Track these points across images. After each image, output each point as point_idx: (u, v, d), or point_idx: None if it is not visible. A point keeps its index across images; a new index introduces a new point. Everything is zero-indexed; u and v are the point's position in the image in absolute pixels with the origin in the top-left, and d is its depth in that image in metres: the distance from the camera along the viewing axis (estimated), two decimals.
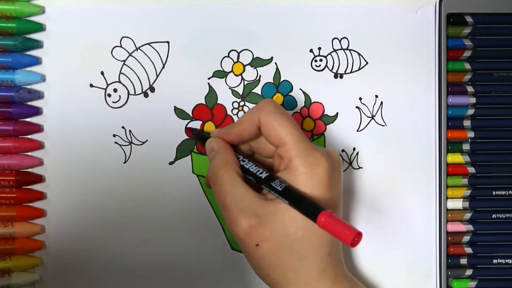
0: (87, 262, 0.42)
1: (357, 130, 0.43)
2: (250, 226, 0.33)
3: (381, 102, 0.43)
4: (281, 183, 0.33)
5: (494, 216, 0.43)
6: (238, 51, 0.42)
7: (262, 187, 0.35)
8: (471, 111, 0.42)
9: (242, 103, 0.42)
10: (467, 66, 0.42)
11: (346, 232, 0.29)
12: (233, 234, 0.34)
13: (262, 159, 0.38)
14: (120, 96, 0.42)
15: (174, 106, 0.42)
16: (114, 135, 0.42)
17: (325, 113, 0.43)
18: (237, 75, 0.42)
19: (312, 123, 0.43)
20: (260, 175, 0.34)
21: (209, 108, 0.42)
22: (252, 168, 0.35)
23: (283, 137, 0.34)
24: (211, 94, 0.42)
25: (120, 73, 0.42)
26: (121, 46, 0.42)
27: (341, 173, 0.36)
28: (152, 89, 0.42)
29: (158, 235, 0.42)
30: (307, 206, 0.31)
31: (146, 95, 0.42)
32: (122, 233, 0.42)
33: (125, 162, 0.42)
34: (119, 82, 0.42)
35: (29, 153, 0.41)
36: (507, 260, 0.42)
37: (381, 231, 0.43)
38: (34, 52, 0.41)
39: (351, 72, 0.43)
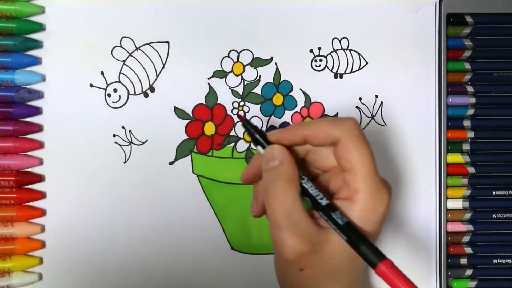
0: (87, 262, 0.42)
1: None
2: (303, 252, 0.31)
3: (381, 102, 0.43)
4: (342, 217, 0.31)
5: (494, 216, 0.43)
6: (238, 51, 0.42)
7: (317, 211, 0.33)
8: (471, 111, 0.42)
9: (242, 103, 0.42)
10: (467, 66, 0.42)
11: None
12: (279, 254, 0.32)
13: (310, 168, 0.36)
14: (120, 96, 0.42)
15: (174, 106, 0.42)
16: (114, 135, 0.42)
17: (325, 113, 0.43)
18: (237, 75, 0.42)
19: None
20: (320, 201, 0.32)
21: (209, 108, 0.42)
22: (312, 190, 0.33)
23: (357, 167, 0.32)
24: (211, 94, 0.42)
25: (120, 73, 0.42)
26: (121, 46, 0.42)
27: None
28: (152, 89, 0.42)
29: (158, 235, 0.42)
30: (369, 251, 0.30)
31: (146, 95, 0.42)
32: (122, 233, 0.42)
33: (125, 162, 0.42)
34: (119, 82, 0.42)
35: (29, 153, 0.41)
36: (507, 260, 0.42)
37: (381, 231, 0.43)
38: (34, 52, 0.41)
39: (351, 72, 0.43)
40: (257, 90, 0.42)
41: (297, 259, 0.31)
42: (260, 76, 0.42)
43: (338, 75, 0.43)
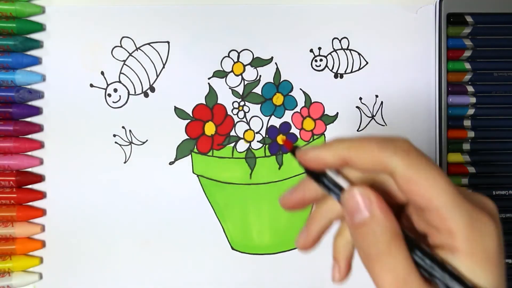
0: (87, 262, 0.42)
1: (357, 130, 0.43)
2: None
3: (381, 102, 0.43)
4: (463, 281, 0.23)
5: None
6: (238, 51, 0.42)
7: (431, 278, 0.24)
8: (471, 111, 0.42)
9: (242, 103, 0.42)
10: (467, 66, 0.42)
11: None
12: None
13: None
14: (120, 96, 0.42)
15: (174, 106, 0.42)
16: (114, 135, 0.42)
17: (325, 113, 0.43)
18: (237, 75, 0.42)
19: (312, 123, 0.43)
20: (433, 265, 0.24)
21: (209, 108, 0.42)
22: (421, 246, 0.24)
23: (435, 200, 0.23)
24: (211, 94, 0.42)
25: (120, 73, 0.42)
26: (121, 46, 0.42)
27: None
28: (152, 89, 0.42)
29: (158, 235, 0.42)
30: None
31: (146, 95, 0.42)
32: (122, 233, 0.42)
33: (125, 162, 0.42)
34: (119, 82, 0.42)
35: (29, 153, 0.41)
36: (507, 260, 0.42)
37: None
38: (34, 52, 0.41)
39: (351, 72, 0.43)
40: (257, 90, 0.42)
41: None
42: (260, 76, 0.42)
43: (338, 75, 0.43)
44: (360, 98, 0.43)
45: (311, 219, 0.28)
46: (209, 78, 0.42)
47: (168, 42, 0.42)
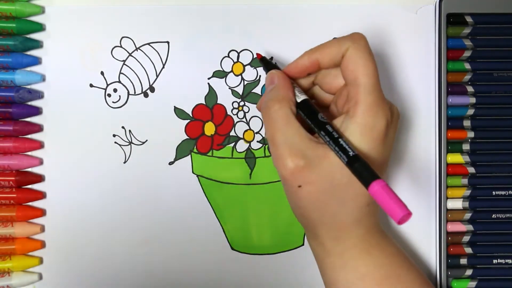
0: (87, 262, 0.42)
1: None
2: (297, 167, 0.32)
3: None
4: (335, 133, 0.32)
5: (494, 216, 0.43)
6: (238, 51, 0.42)
7: (315, 132, 0.34)
8: (471, 111, 0.42)
9: (242, 103, 0.42)
10: (467, 66, 0.42)
11: (396, 210, 0.28)
12: (278, 171, 0.34)
13: (320, 95, 0.38)
14: (120, 96, 0.42)
15: (174, 106, 0.42)
16: (114, 135, 0.42)
17: None
18: (237, 75, 0.42)
19: None
20: (315, 119, 0.33)
21: (209, 108, 0.42)
22: (311, 109, 0.34)
23: (360, 77, 0.33)
24: (211, 94, 0.42)
25: (120, 73, 0.42)
26: (121, 46, 0.42)
27: (396, 129, 0.36)
28: (152, 89, 0.42)
29: (158, 235, 0.42)
30: (363, 170, 0.30)
31: (146, 95, 0.42)
32: (122, 233, 0.42)
33: (125, 162, 0.42)
34: (119, 82, 0.42)
35: (29, 153, 0.41)
36: (507, 260, 0.42)
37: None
38: (34, 52, 0.41)
39: None
40: (257, 90, 0.42)
41: (292, 174, 0.33)
42: (260, 76, 0.42)
43: None
44: None
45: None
46: (209, 78, 0.42)
47: (168, 42, 0.42)
